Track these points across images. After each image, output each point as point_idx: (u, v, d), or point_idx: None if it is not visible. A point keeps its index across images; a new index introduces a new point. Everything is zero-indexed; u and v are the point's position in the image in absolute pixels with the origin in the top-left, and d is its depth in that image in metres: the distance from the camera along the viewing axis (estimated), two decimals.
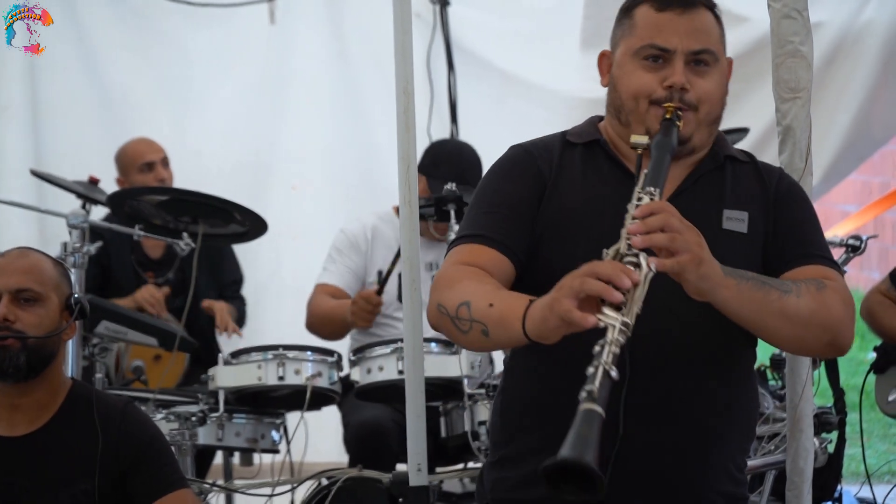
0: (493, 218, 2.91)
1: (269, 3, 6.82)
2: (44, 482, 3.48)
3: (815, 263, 2.88)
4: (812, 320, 2.74)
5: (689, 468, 2.87)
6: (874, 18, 6.80)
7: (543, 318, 2.51)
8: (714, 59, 2.93)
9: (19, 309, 3.50)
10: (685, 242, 2.55)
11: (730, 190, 2.96)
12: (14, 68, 6.79)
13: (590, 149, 2.99)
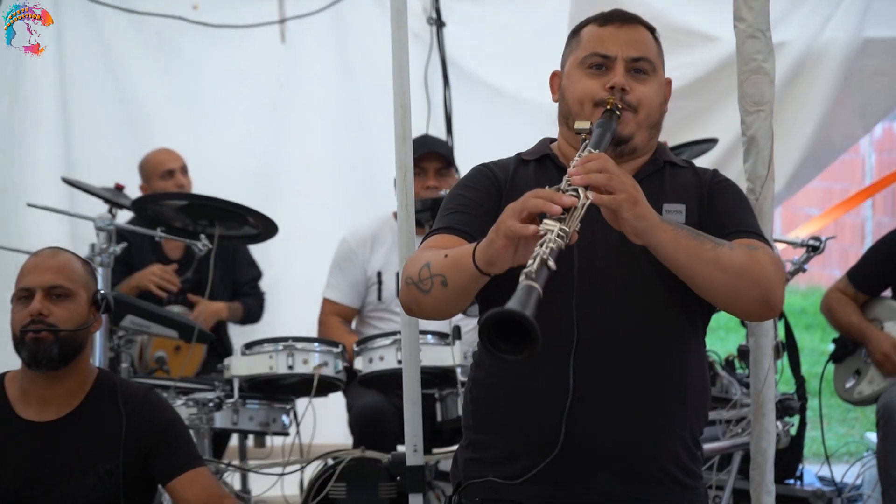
0: (457, 215, 2.94)
1: (280, 25, 6.82)
2: (72, 463, 3.49)
3: (745, 237, 2.85)
4: (744, 273, 2.71)
5: (641, 436, 2.85)
6: (833, 38, 6.79)
7: (490, 241, 2.54)
8: (652, 69, 2.95)
9: (52, 304, 3.52)
10: (621, 183, 2.57)
11: (669, 188, 2.97)
12: (46, 85, 6.78)
13: (541, 163, 3.03)
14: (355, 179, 6.85)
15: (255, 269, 6.40)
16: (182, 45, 6.83)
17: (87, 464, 3.49)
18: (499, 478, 2.87)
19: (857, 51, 6.78)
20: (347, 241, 5.67)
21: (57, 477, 3.48)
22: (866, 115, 7.10)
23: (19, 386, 3.60)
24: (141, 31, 6.79)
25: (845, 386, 5.51)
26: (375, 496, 4.70)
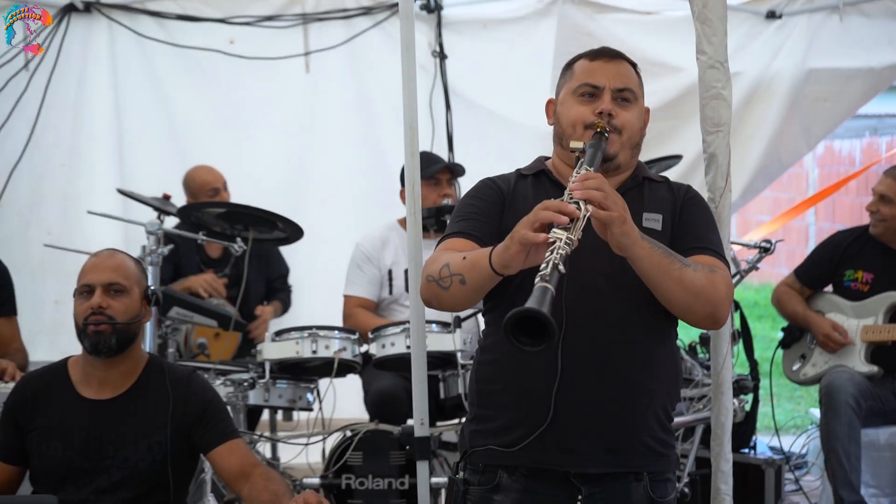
0: (468, 221, 2.97)
1: (305, 57, 6.80)
2: (127, 436, 3.49)
3: (707, 254, 2.90)
4: (702, 293, 2.77)
5: (621, 412, 2.86)
6: (781, 69, 6.81)
7: (506, 247, 2.61)
8: (634, 97, 2.98)
9: (110, 299, 3.52)
10: (615, 203, 2.63)
11: (647, 200, 2.98)
12: (103, 109, 6.76)
13: (538, 177, 3.05)
14: (369, 190, 6.84)
15: (285, 266, 6.38)
16: (220, 74, 6.81)
17: (139, 436, 3.49)
18: (498, 446, 2.88)
19: (802, 79, 6.80)
20: (363, 245, 5.66)
21: (113, 448, 3.47)
22: (810, 134, 7.12)
23: (81, 369, 3.59)
24: (184, 62, 6.77)
25: (792, 368, 5.50)
26: (387, 463, 4.69)
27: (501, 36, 6.96)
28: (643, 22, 6.83)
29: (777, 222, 10.06)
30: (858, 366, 5.21)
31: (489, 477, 2.93)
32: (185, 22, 6.73)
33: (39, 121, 6.56)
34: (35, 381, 3.64)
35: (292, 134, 6.96)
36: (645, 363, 2.89)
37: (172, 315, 5.08)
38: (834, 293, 5.44)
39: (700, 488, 4.62)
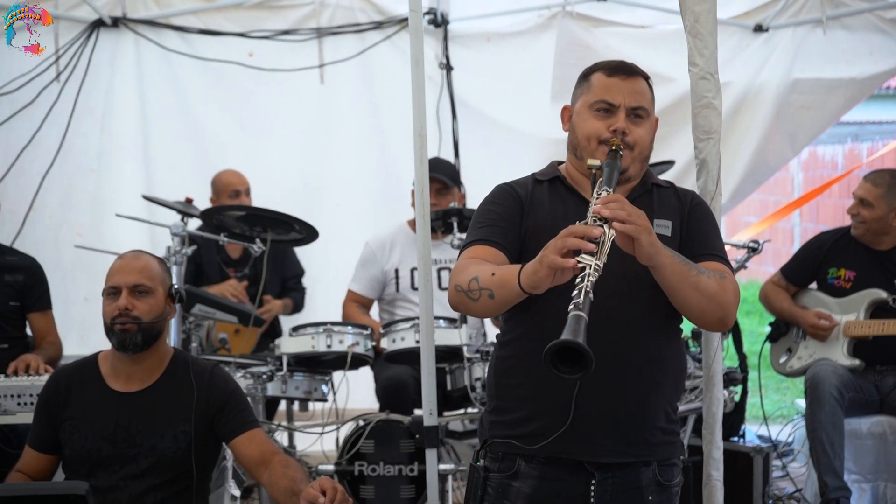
0: (489, 227, 2.97)
1: (319, 69, 6.81)
2: (153, 425, 3.49)
3: (715, 260, 2.94)
4: (714, 298, 2.80)
5: (633, 406, 2.89)
6: (768, 79, 6.81)
7: (535, 270, 2.61)
8: (647, 114, 2.98)
9: (135, 299, 3.52)
10: (639, 217, 2.64)
11: (657, 206, 3.00)
12: (129, 117, 6.79)
13: (553, 183, 3.05)
14: (380, 194, 6.84)
15: (300, 268, 6.39)
16: (240, 85, 6.82)
17: (165, 426, 3.49)
18: (516, 436, 2.92)
19: (788, 89, 6.80)
20: (370, 244, 5.68)
21: (140, 437, 3.47)
22: (795, 141, 7.10)
23: (110, 363, 3.60)
24: (206, 73, 6.79)
25: (779, 361, 5.50)
26: (398, 451, 4.69)
27: (504, 48, 6.97)
28: (638, 35, 6.83)
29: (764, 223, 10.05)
30: (841, 359, 5.21)
31: (508, 465, 2.96)
32: (207, 36, 6.75)
33: (70, 129, 6.59)
34: (67, 374, 3.65)
35: (307, 141, 6.97)
36: (656, 360, 2.92)
37: (195, 312, 5.09)
38: (818, 290, 5.43)
39: (693, 475, 4.62)
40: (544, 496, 2.91)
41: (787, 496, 5.81)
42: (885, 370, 5.23)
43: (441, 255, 5.35)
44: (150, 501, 3.44)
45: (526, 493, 2.92)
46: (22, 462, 3.58)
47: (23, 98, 6.51)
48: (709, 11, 3.54)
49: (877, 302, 5.22)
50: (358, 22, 6.80)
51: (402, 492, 4.70)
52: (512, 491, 2.94)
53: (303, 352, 4.94)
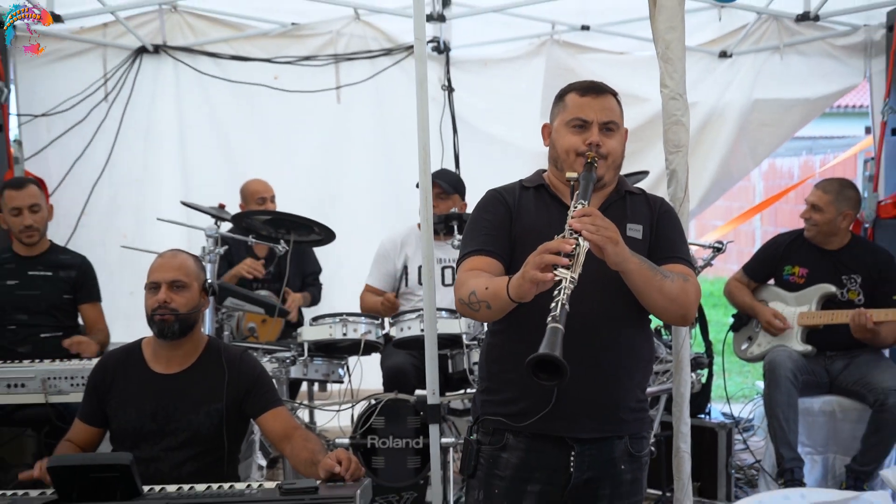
0: (483, 236, 2.98)
1: (336, 90, 6.83)
2: (190, 403, 3.50)
3: (680, 263, 2.95)
4: (676, 300, 2.83)
5: (608, 390, 2.90)
6: (731, 99, 6.82)
7: (519, 284, 2.63)
8: (617, 127, 2.98)
9: (173, 293, 3.54)
10: (608, 229, 2.66)
11: (630, 212, 3.01)
12: (170, 133, 6.81)
13: (538, 190, 3.05)
14: (389, 201, 6.85)
15: (318, 265, 6.38)
16: (265, 104, 6.82)
17: (200, 404, 3.50)
18: (504, 413, 2.94)
19: (749, 108, 6.81)
20: (384, 244, 5.68)
21: (178, 414, 3.48)
22: (755, 154, 7.12)
23: (152, 349, 3.61)
24: (236, 94, 6.79)
25: (741, 348, 5.50)
26: (405, 426, 4.69)
27: (499, 72, 6.98)
28: (616, 60, 6.85)
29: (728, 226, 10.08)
30: (796, 346, 5.21)
31: (497, 438, 2.97)
32: (237, 61, 6.77)
33: (116, 144, 6.64)
34: (114, 358, 3.67)
35: (326, 154, 6.96)
36: (627, 350, 2.93)
37: (227, 304, 5.11)
38: (775, 285, 5.44)
39: (664, 447, 4.62)
40: (530, 466, 2.93)
41: (747, 466, 5.83)
42: (834, 355, 5.24)
43: (444, 255, 5.35)
44: (188, 470, 3.45)
45: (514, 463, 2.94)
46: (72, 433, 3.60)
47: (75, 116, 6.56)
48: (678, 39, 3.54)
49: (827, 295, 5.23)
50: (370, 49, 6.81)
51: (408, 462, 4.70)
52: (501, 461, 2.96)
53: (321, 339, 4.95)
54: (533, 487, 2.93)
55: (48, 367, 4.34)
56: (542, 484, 2.92)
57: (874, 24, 6.54)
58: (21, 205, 4.86)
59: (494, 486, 2.97)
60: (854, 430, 5.13)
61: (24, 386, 4.29)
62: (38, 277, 4.93)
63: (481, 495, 3.00)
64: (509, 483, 2.94)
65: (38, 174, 6.35)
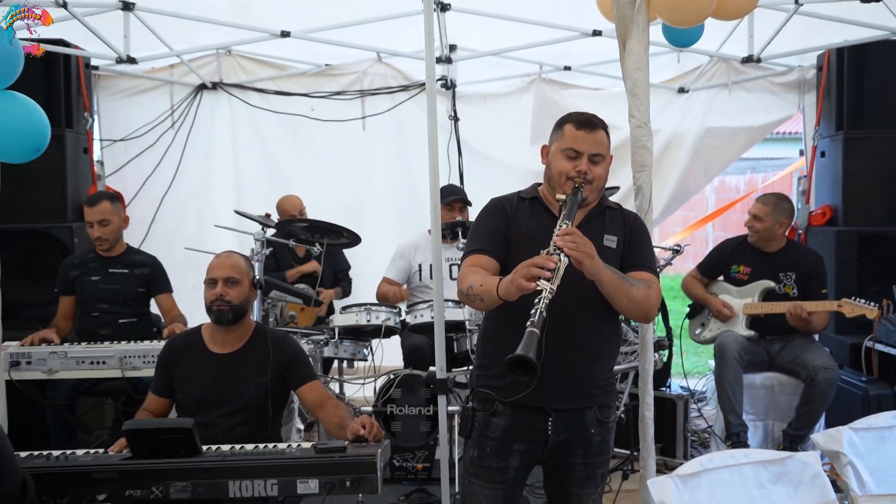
0: (484, 238, 2.97)
1: (362, 120, 6.82)
2: (240, 378, 3.50)
3: (645, 270, 2.95)
4: (640, 304, 2.84)
5: (582, 372, 2.90)
6: (688, 127, 6.81)
7: (507, 288, 2.64)
8: (603, 158, 2.95)
9: (228, 288, 3.54)
10: (585, 246, 2.66)
11: (608, 225, 2.99)
12: (225, 155, 6.82)
13: (532, 202, 3.03)
14: (406, 210, 6.82)
15: (347, 264, 6.38)
16: (304, 131, 6.81)
17: (249, 378, 3.50)
18: (495, 387, 2.95)
19: (703, 134, 6.82)
20: (401, 246, 5.68)
21: (231, 386, 3.48)
22: (708, 172, 7.11)
23: (210, 333, 3.61)
24: (280, 123, 6.79)
25: (695, 332, 5.48)
26: (418, 397, 4.70)
27: (497, 105, 6.97)
28: (594, 95, 6.83)
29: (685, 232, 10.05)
30: (741, 331, 5.20)
31: (489, 406, 2.97)
32: (281, 96, 6.77)
33: (181, 164, 6.65)
34: (179, 340, 3.67)
35: (353, 172, 6.95)
36: (598, 338, 2.93)
37: (272, 296, 5.11)
38: (724, 281, 5.42)
39: (632, 416, 4.61)
40: (515, 429, 2.93)
41: (701, 431, 5.80)
42: (773, 339, 5.22)
43: (451, 255, 5.35)
44: (238, 433, 3.45)
45: (502, 426, 2.95)
46: (146, 403, 3.60)
47: (147, 141, 6.59)
48: (643, 78, 3.53)
49: (767, 289, 5.21)
50: (390, 86, 6.80)
51: (421, 426, 4.71)
52: (492, 425, 2.96)
53: (349, 324, 4.96)
54: (518, 447, 2.94)
55: (124, 348, 4.36)
56: (526, 444, 2.93)
57: (806, 65, 6.54)
58: (92, 220, 4.85)
59: (486, 444, 2.97)
60: (790, 401, 5.11)
61: (104, 363, 4.31)
62: (117, 274, 4.93)
63: (476, 452, 3.00)
64: (498, 442, 2.95)
65: (117, 189, 6.36)
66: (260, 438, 3.41)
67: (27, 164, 4.12)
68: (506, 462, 2.95)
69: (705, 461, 2.63)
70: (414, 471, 4.74)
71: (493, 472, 2.96)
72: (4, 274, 5.26)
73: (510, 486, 2.97)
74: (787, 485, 2.69)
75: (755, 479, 2.67)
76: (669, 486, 2.53)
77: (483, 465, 2.97)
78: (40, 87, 5.54)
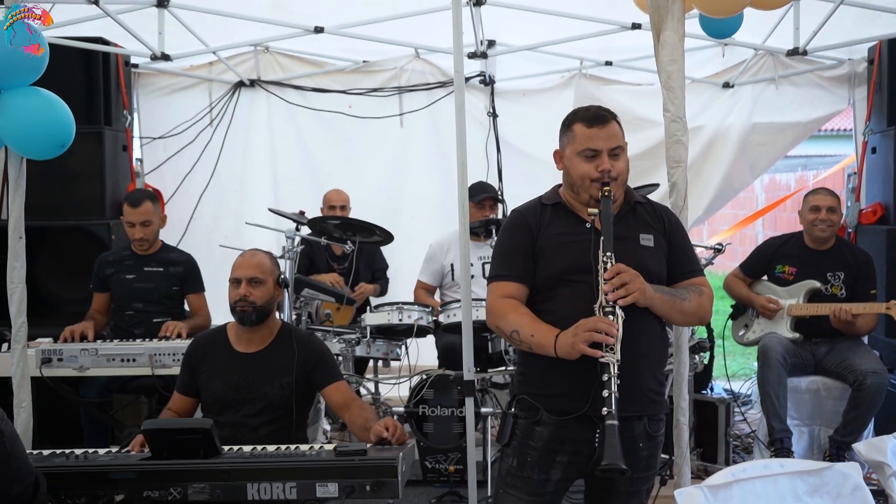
0: (509, 261, 2.87)
1: (400, 116, 6.77)
2: (265, 377, 3.47)
3: (695, 276, 2.88)
4: (693, 315, 2.82)
5: (630, 378, 2.69)
6: (733, 123, 6.62)
7: (567, 351, 2.63)
8: (622, 150, 2.84)
9: (251, 288, 3.51)
10: (634, 286, 2.65)
11: (641, 222, 2.88)
12: (263, 153, 6.80)
13: (555, 207, 2.89)
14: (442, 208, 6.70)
15: (385, 262, 6.31)
16: (342, 128, 6.76)
17: (274, 377, 3.47)
18: (540, 395, 2.83)
19: (748, 130, 6.63)
20: (432, 247, 5.64)
21: (255, 386, 3.45)
22: (753, 169, 6.90)
23: (235, 332, 3.59)
24: (318, 120, 6.76)
25: (738, 334, 5.32)
26: (451, 397, 4.66)
27: (535, 101, 6.85)
28: (633, 91, 6.68)
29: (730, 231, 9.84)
30: (785, 333, 5.03)
31: (532, 413, 2.83)
32: (318, 93, 6.74)
33: (219, 161, 6.66)
34: (204, 339, 3.65)
35: (391, 169, 6.90)
36: (647, 344, 2.78)
37: (304, 294, 5.06)
38: (768, 281, 5.25)
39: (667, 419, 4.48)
40: (559, 439, 2.79)
41: (745, 436, 5.65)
42: (819, 341, 5.05)
43: (484, 253, 5.28)
44: (263, 433, 3.42)
45: (546, 435, 2.80)
46: (171, 402, 3.59)
47: (186, 139, 6.61)
48: (678, 70, 3.40)
49: (813, 290, 5.04)
50: (427, 82, 6.74)
51: (453, 428, 4.67)
52: (535, 433, 2.82)
53: (381, 323, 4.91)
54: (561, 458, 2.80)
55: (154, 345, 4.35)
56: (570, 455, 2.79)
57: (857, 58, 6.33)
58: (135, 220, 4.84)
59: (528, 454, 2.84)
60: (836, 406, 4.93)
61: (134, 360, 4.31)
62: (152, 272, 4.93)
63: (515, 462, 2.86)
64: (541, 453, 2.81)
65: (156, 186, 6.39)
66: (285, 439, 3.37)
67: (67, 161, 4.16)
68: (547, 474, 2.81)
69: (737, 471, 2.50)
70: (446, 473, 4.68)
71: (532, 483, 2.83)
72: (44, 271, 5.34)
73: (549, 499, 2.85)
74: (825, 497, 2.55)
75: (791, 491, 2.53)
76: (698, 496, 2.40)
77: (522, 475, 2.84)
78: (79, 85, 5.57)
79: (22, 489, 2.56)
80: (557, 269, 2.78)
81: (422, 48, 6.61)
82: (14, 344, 3.79)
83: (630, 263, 2.70)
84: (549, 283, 2.78)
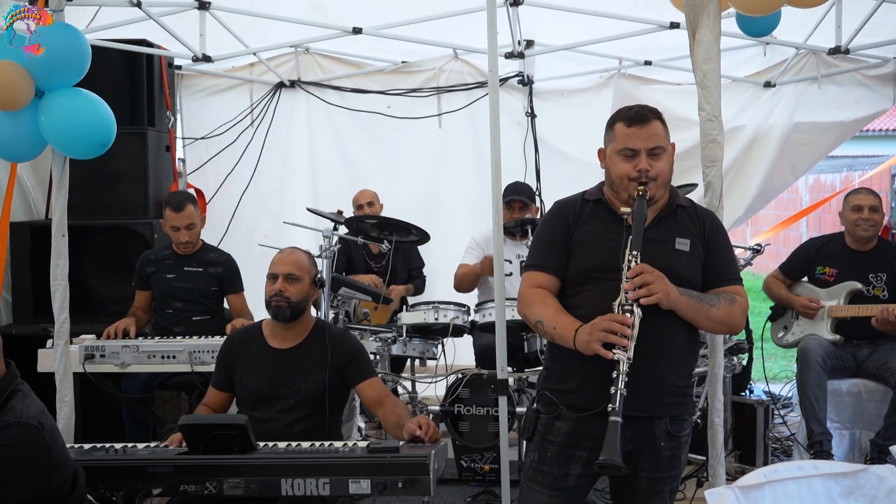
0: (544, 252, 2.88)
1: (438, 117, 6.78)
2: (299, 373, 3.48)
3: (730, 284, 2.84)
4: (722, 323, 2.78)
5: (654, 378, 2.72)
6: (774, 123, 6.54)
7: (584, 347, 2.64)
8: (663, 150, 2.81)
9: (288, 284, 3.52)
10: (657, 286, 2.64)
11: (679, 227, 2.85)
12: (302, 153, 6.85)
13: (596, 203, 2.89)
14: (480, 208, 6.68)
15: (421, 261, 6.33)
16: (380, 129, 6.79)
17: (308, 373, 3.48)
18: (561, 391, 2.84)
19: (790, 130, 6.55)
20: (474, 238, 5.60)
21: (289, 381, 3.47)
22: (795, 169, 6.81)
23: (270, 328, 3.61)
24: (356, 121, 6.79)
25: (778, 336, 5.25)
26: (486, 397, 4.64)
27: (574, 101, 6.82)
28: (673, 90, 6.62)
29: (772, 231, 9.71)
30: (826, 334, 4.96)
31: (553, 409, 2.85)
32: (357, 93, 6.77)
33: (260, 161, 6.72)
34: (240, 335, 3.68)
35: (429, 170, 6.91)
36: (670, 344, 2.76)
37: (341, 293, 5.09)
38: (808, 282, 5.18)
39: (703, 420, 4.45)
40: (578, 434, 2.80)
41: (784, 438, 5.57)
42: (860, 343, 4.97)
43: (521, 251, 5.27)
44: (297, 429, 3.43)
45: (565, 430, 2.82)
46: (206, 398, 3.62)
47: (227, 139, 6.68)
48: (714, 69, 3.37)
49: (854, 291, 4.96)
50: (466, 82, 6.73)
51: (489, 427, 4.65)
52: (555, 428, 2.84)
53: (418, 322, 4.92)
54: (580, 454, 2.79)
55: (193, 343, 4.41)
56: (589, 451, 2.77)
57: None
58: (179, 225, 4.90)
59: (547, 449, 2.85)
60: (878, 409, 4.86)
61: (174, 357, 4.37)
62: (192, 273, 4.99)
63: (536, 456, 2.88)
64: (560, 448, 2.82)
65: (198, 186, 6.47)
66: (318, 435, 3.39)
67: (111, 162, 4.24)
68: (566, 469, 2.82)
69: (769, 472, 2.47)
70: (481, 472, 4.67)
71: (552, 477, 2.83)
72: (88, 269, 5.44)
73: (570, 494, 2.84)
74: (859, 499, 2.51)
75: (825, 493, 2.50)
76: (729, 497, 2.38)
77: (543, 469, 2.86)
78: (124, 87, 5.66)
79: (61, 482, 2.61)
80: (587, 266, 2.77)
81: (460, 48, 6.61)
82: (57, 340, 3.86)
83: (661, 266, 2.68)
84: (579, 278, 2.79)
